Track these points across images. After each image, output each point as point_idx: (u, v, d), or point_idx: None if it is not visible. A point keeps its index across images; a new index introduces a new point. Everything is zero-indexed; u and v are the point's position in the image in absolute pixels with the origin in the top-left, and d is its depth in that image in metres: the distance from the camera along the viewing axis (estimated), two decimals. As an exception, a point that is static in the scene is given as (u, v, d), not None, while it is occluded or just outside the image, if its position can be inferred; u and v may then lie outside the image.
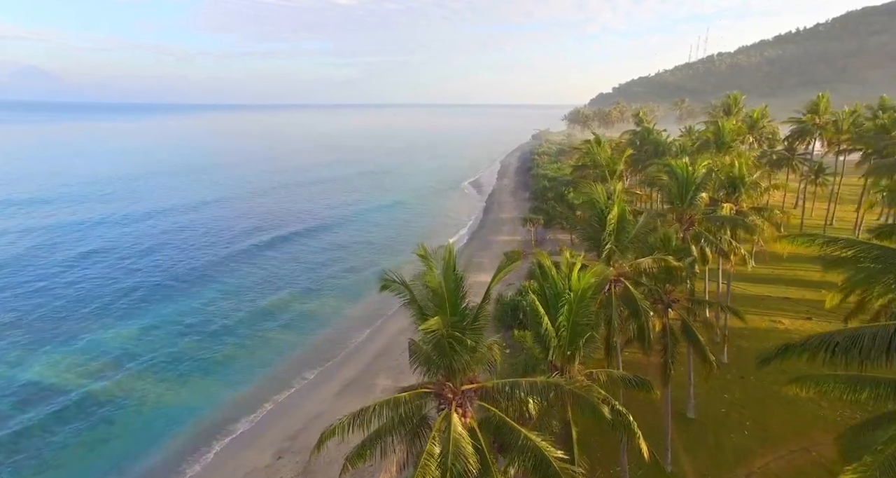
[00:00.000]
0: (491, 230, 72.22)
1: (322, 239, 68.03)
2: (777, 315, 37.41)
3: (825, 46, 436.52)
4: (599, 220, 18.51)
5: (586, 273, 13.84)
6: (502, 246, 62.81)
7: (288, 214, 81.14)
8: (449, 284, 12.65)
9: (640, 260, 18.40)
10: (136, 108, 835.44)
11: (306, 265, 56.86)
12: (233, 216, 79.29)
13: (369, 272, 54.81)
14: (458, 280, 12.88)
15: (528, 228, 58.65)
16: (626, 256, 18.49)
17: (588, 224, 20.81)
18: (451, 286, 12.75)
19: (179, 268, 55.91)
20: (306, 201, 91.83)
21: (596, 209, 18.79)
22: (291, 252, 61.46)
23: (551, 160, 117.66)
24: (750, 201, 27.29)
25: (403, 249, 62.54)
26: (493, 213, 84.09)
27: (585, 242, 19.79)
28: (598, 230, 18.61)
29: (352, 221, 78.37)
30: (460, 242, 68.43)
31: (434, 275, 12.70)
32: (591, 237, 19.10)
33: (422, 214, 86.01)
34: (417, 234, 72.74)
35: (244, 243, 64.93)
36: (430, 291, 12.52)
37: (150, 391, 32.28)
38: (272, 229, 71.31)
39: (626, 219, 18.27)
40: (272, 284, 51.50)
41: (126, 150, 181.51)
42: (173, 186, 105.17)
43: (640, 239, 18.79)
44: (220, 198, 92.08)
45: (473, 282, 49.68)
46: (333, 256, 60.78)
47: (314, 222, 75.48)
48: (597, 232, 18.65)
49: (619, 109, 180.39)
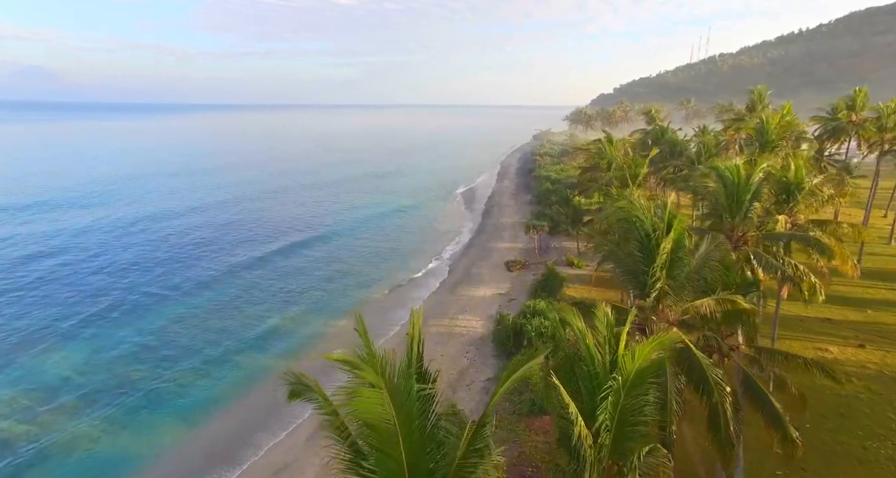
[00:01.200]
0: (491, 236, 67.09)
1: (312, 250, 62.01)
2: (821, 341, 32.34)
3: (828, 47, 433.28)
4: (643, 246, 13.38)
5: (645, 346, 8.74)
6: (503, 254, 57.75)
7: (277, 221, 75.52)
8: (405, 406, 6.96)
9: (699, 302, 13.33)
10: (136, 108, 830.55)
11: (288, 280, 51.35)
12: (220, 223, 73.75)
13: (358, 288, 49.85)
14: (426, 398, 7.25)
15: (532, 236, 53.61)
16: (680, 295, 13.42)
17: (612, 244, 15.74)
18: (407, 409, 7.00)
19: (151, 279, 50.83)
20: (299, 207, 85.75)
21: (637, 232, 13.57)
22: (273, 265, 55.82)
23: (553, 161, 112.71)
24: (809, 212, 22.28)
25: (396, 265, 57.55)
26: (492, 217, 78.97)
27: (620, 274, 14.63)
28: (639, 260, 13.49)
29: (346, 229, 72.84)
30: (458, 249, 63.35)
31: (378, 394, 6.76)
32: (630, 269, 13.99)
33: (418, 218, 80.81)
34: (412, 240, 67.72)
35: (225, 254, 59.73)
36: (366, 427, 6.95)
37: (83, 434, 27.12)
38: (257, 240, 65.77)
39: (684, 245, 13.22)
40: (249, 300, 46.37)
41: (125, 150, 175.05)
42: (165, 188, 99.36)
43: (699, 272, 13.67)
44: (208, 203, 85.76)
45: (472, 297, 44.51)
46: (322, 270, 55.25)
47: (304, 232, 69.45)
48: (638, 263, 13.52)
49: (623, 109, 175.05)
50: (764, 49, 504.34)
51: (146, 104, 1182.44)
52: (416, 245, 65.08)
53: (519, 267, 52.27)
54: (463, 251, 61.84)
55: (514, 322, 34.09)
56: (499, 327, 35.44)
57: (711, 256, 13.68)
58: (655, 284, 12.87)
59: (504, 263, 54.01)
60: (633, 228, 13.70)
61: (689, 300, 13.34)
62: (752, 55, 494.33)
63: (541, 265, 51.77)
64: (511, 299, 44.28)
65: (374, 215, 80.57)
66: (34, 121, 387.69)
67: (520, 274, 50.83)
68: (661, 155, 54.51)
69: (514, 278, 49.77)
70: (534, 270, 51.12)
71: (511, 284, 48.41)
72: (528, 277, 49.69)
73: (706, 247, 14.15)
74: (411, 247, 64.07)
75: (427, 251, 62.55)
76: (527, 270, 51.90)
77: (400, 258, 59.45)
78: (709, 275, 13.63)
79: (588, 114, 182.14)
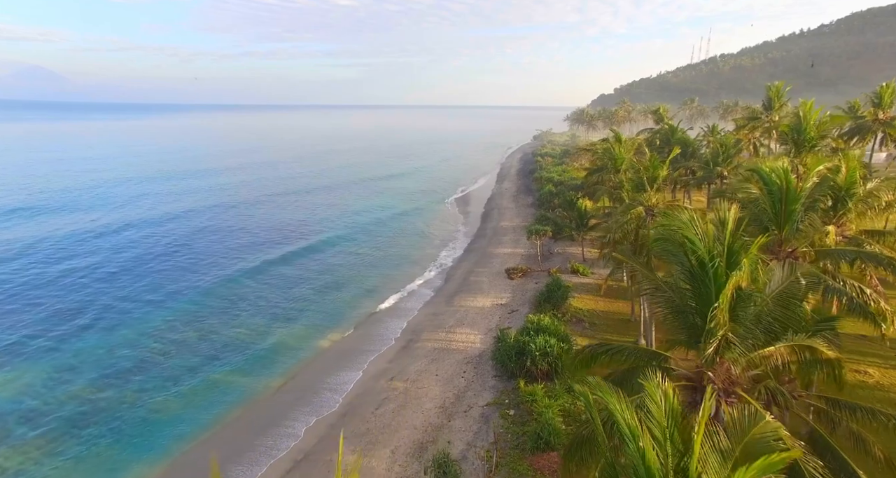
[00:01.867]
0: (490, 241, 63.88)
1: (304, 259, 57.09)
2: (860, 362, 29.09)
3: (830, 47, 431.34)
4: (694, 278, 9.96)
5: (747, 471, 5.49)
6: (504, 260, 54.55)
7: (269, 228, 71.45)
8: None
9: (768, 351, 10.08)
10: (138, 108, 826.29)
11: (278, 293, 47.54)
12: (207, 229, 70.50)
13: (352, 300, 46.59)
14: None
15: (534, 241, 50.42)
16: (746, 343, 10.16)
17: (647, 274, 12.43)
18: None
19: (125, 290, 47.61)
20: (294, 212, 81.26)
21: (687, 259, 10.02)
22: (262, 277, 51.44)
23: (555, 162, 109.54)
24: (862, 222, 19.12)
25: (391, 273, 54.35)
26: (492, 220, 75.76)
27: (662, 310, 11.27)
28: (688, 296, 10.20)
29: (341, 236, 69.21)
30: (456, 255, 60.15)
31: None
32: (676, 307, 10.74)
33: (415, 223, 77.56)
34: (408, 247, 64.55)
35: (211, 264, 56.38)
36: None
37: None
38: (246, 248, 61.56)
39: (757, 279, 9.95)
40: (230, 313, 43.10)
41: (121, 151, 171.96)
42: (145, 193, 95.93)
43: (773, 313, 10.35)
44: (196, 208, 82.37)
45: (470, 308, 41.16)
46: (313, 281, 51.46)
47: (296, 241, 64.24)
48: (686, 299, 10.23)
49: (626, 109, 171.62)
50: (765, 49, 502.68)
51: (149, 104, 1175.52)
52: (413, 252, 61.90)
53: (520, 275, 49.09)
54: (461, 257, 58.63)
55: (517, 340, 30.87)
56: (500, 345, 32.23)
57: (792, 292, 10.40)
58: (715, 332, 9.62)
59: (504, 270, 50.81)
60: (679, 253, 10.33)
61: (756, 348, 10.11)
62: (753, 56, 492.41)
63: (543, 273, 48.60)
64: (512, 311, 41.08)
65: (369, 221, 77.30)
66: (31, 120, 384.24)
67: (521, 282, 47.65)
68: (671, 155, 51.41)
69: (516, 287, 46.58)
70: (536, 278, 47.95)
71: (512, 293, 45.23)
72: (530, 285, 46.49)
73: (784, 277, 10.80)
74: (407, 254, 60.88)
75: (424, 258, 59.39)
76: (529, 277, 48.72)
77: (395, 266, 56.27)
78: (781, 313, 10.37)
79: (590, 114, 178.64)
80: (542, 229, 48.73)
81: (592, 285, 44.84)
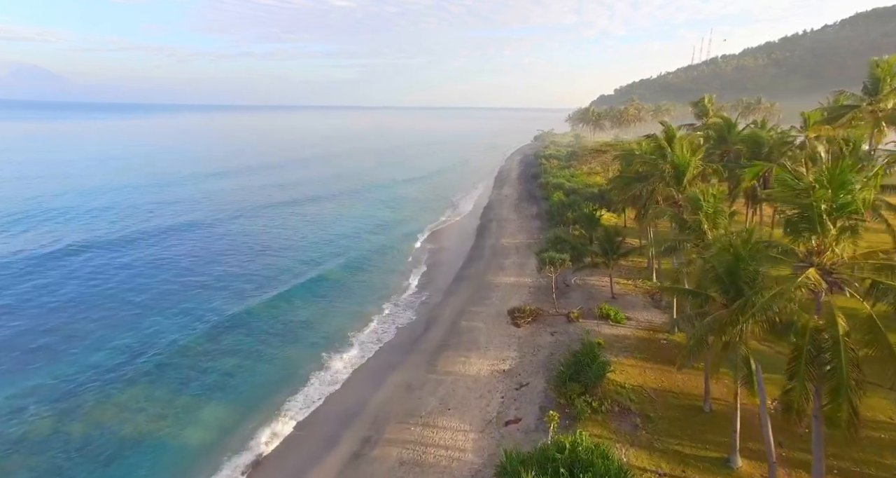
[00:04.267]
0: (489, 265, 50.96)
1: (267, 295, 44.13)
2: None
3: (834, 48, 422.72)
4: None
5: None
6: (505, 294, 41.70)
7: (240, 253, 56.38)
8: None
9: None
10: (133, 108, 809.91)
11: (215, 358, 34.59)
12: (143, 263, 55.21)
13: (309, 349, 33.98)
14: None
15: (548, 272, 37.47)
16: None
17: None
18: None
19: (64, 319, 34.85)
20: (284, 229, 67.23)
21: None
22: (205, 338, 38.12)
23: (561, 165, 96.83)
24: None
25: (357, 308, 41.67)
26: (490, 235, 62.77)
27: None
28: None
29: (310, 258, 56.64)
30: (443, 284, 47.29)
31: None
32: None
33: (398, 240, 64.70)
34: (384, 271, 51.72)
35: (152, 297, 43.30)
36: None
37: None
38: (205, 282, 47.34)
39: None
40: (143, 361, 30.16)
41: (99, 153, 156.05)
42: (115, 204, 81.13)
43: None
44: (147, 230, 64.07)
45: (460, 376, 27.38)
46: (273, 324, 38.61)
47: (260, 272, 50.38)
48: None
49: (636, 107, 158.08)
50: (768, 50, 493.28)
51: (147, 104, 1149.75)
52: (388, 280, 48.97)
53: (529, 319, 36.14)
54: (450, 288, 45.67)
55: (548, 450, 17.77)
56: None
57: None
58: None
59: (507, 311, 37.87)
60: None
61: None
62: (756, 56, 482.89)
63: (560, 318, 35.75)
64: (520, 385, 28.14)
65: (348, 234, 64.49)
66: (24, 120, 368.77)
67: (531, 332, 34.76)
68: (731, 156, 38.68)
69: (524, 340, 33.69)
70: (551, 325, 35.12)
71: (519, 351, 32.31)
72: (543, 337, 33.63)
73: None
74: (378, 282, 47.95)
75: (397, 287, 46.61)
76: (540, 323, 35.84)
77: (361, 301, 43.41)
78: None
79: (597, 113, 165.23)
80: (558, 258, 35.80)
81: (632, 340, 32.03)
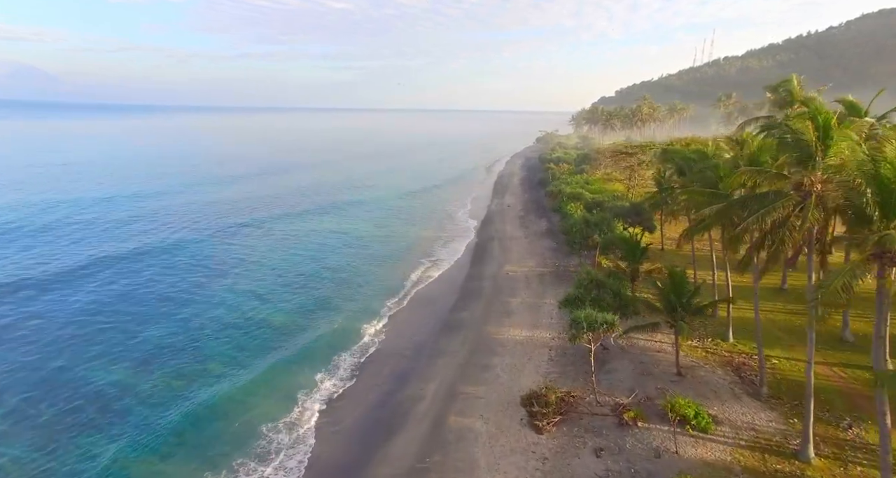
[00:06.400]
0: (489, 306, 37.61)
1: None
2: None
3: (840, 50, 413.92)
4: None
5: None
6: (517, 357, 28.57)
7: (215, 275, 44.98)
8: None
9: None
10: (135, 109, 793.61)
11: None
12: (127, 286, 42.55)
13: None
14: None
15: (587, 341, 23.90)
16: None
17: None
18: None
19: None
20: (268, 249, 54.37)
21: None
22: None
23: (572, 170, 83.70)
24: None
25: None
26: (491, 260, 49.46)
27: None
28: None
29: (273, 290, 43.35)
30: (429, 334, 33.94)
31: None
32: None
33: (378, 269, 51.53)
34: (365, 293, 38.24)
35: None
36: None
37: None
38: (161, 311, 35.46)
39: None
40: None
41: (57, 157, 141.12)
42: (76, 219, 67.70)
43: None
44: (84, 265, 48.39)
45: None
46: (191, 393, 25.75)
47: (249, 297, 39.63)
48: None
49: (649, 105, 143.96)
50: (772, 52, 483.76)
51: (146, 105, 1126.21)
52: (344, 336, 35.39)
53: (555, 418, 22.76)
54: (435, 346, 32.21)
55: None
56: None
57: None
58: None
59: (521, 398, 24.53)
60: None
61: None
62: (760, 58, 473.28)
63: (605, 416, 22.47)
64: None
65: (313, 267, 51.18)
66: (13, 119, 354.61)
67: (561, 445, 21.45)
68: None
69: (550, 465, 20.36)
70: (593, 431, 21.90)
71: (545, 488, 19.02)
72: (582, 458, 20.35)
73: None
74: (335, 341, 34.38)
75: (360, 347, 33.18)
76: (574, 425, 22.54)
77: (285, 373, 29.98)
78: None
79: (607, 112, 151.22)
80: (601, 323, 22.21)
81: (737, 473, 18.81)
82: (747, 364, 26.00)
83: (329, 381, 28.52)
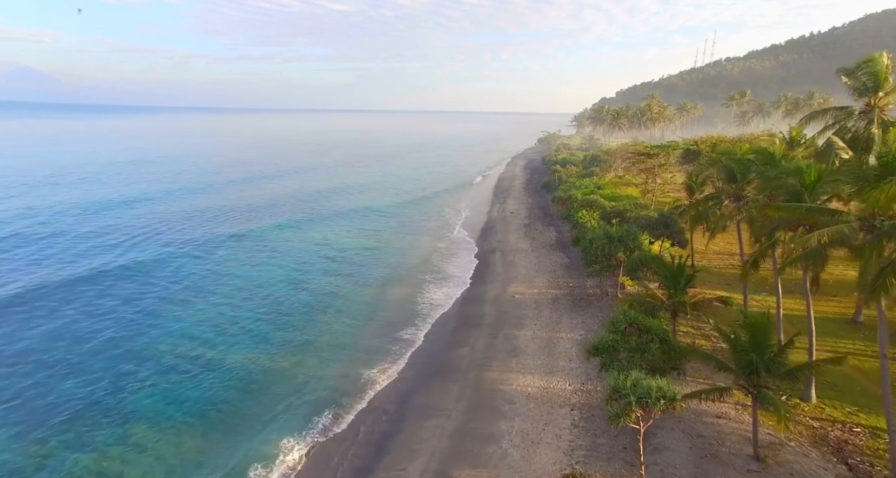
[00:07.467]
0: (491, 342, 30.66)
1: None
2: None
3: (845, 50, 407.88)
4: None
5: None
6: (530, 420, 21.76)
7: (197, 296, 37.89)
8: None
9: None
10: (133, 109, 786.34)
11: None
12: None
13: None
14: None
15: (637, 420, 17.08)
16: None
17: None
18: None
19: None
20: (257, 267, 46.86)
21: None
22: None
23: (581, 172, 76.90)
24: None
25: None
26: (492, 279, 42.48)
27: None
28: None
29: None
30: (417, 382, 27.05)
31: None
32: None
33: (361, 303, 44.66)
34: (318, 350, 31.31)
35: None
36: None
37: None
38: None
39: None
40: None
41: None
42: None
43: None
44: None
45: None
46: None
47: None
48: None
49: (658, 104, 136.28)
50: (775, 52, 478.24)
51: (145, 106, 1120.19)
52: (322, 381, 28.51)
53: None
54: (419, 408, 25.24)
55: None
56: None
57: None
58: None
59: (540, 495, 17.56)
60: None
61: None
62: (763, 59, 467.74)
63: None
64: None
65: (281, 291, 44.26)
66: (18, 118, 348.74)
67: None
68: None
69: None
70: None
71: None
72: None
73: None
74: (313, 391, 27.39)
75: (356, 394, 26.23)
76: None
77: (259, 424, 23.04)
78: None
79: (614, 111, 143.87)
80: (656, 398, 15.48)
81: None
82: (850, 441, 19.08)
83: (290, 453, 21.57)
